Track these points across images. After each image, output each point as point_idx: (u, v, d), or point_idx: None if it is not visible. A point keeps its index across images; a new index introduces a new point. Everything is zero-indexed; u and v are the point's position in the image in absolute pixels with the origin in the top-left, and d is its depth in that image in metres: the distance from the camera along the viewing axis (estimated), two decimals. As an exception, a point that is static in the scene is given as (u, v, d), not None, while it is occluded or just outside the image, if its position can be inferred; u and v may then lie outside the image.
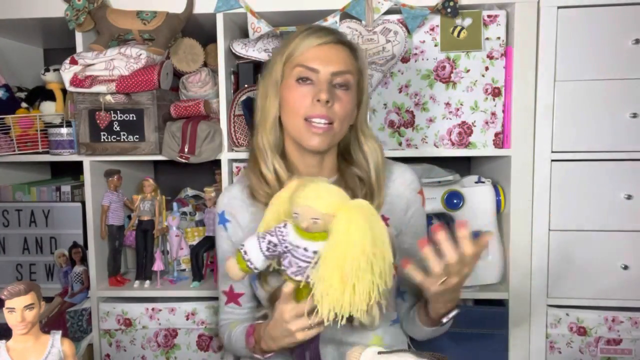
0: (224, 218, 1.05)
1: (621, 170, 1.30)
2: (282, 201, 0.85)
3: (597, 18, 1.27)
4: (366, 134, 1.03)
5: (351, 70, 0.96)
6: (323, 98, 0.91)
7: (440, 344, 1.33)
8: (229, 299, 1.07)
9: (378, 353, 0.74)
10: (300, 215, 0.77)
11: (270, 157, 0.99)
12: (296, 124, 0.95)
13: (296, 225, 0.80)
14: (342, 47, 0.97)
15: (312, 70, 0.94)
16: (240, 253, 0.84)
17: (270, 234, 0.82)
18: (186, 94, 1.46)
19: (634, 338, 1.33)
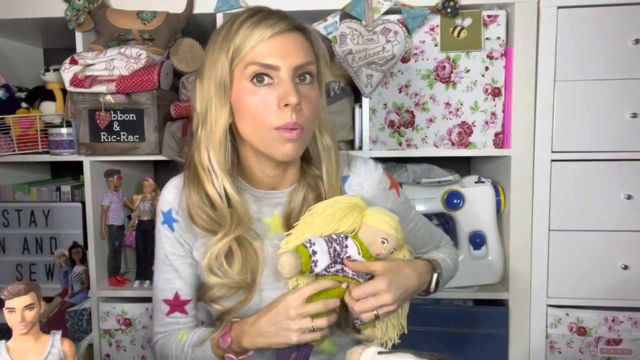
0: (171, 217, 0.92)
1: (621, 170, 1.30)
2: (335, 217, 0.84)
3: (597, 18, 1.27)
4: (323, 125, 0.90)
5: (312, 60, 0.83)
6: (293, 102, 0.78)
7: (441, 344, 1.33)
8: (172, 308, 0.94)
9: (378, 353, 0.74)
10: (390, 240, 0.84)
11: (220, 176, 0.85)
12: (262, 134, 0.81)
13: (361, 242, 0.84)
14: (297, 33, 0.83)
15: (270, 68, 0.79)
16: (306, 250, 0.81)
17: (335, 242, 0.83)
18: (186, 94, 1.46)
19: (634, 338, 1.33)
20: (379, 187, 0.95)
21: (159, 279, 0.96)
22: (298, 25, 0.84)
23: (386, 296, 0.81)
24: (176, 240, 0.93)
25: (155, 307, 0.97)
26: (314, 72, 0.84)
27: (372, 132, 1.38)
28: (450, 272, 1.03)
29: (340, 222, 0.84)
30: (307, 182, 0.91)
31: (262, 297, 0.89)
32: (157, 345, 0.98)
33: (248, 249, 0.88)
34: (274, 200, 0.92)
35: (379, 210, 0.86)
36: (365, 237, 0.85)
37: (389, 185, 0.97)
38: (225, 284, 0.87)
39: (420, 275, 0.88)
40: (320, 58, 0.87)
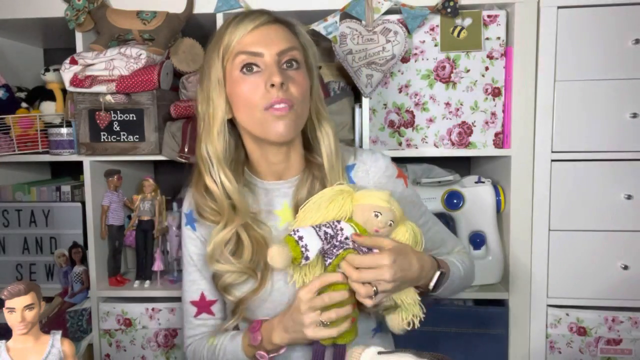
0: (192, 217, 0.98)
1: (621, 170, 1.30)
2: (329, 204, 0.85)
3: (597, 18, 1.27)
4: (321, 116, 0.95)
5: (295, 46, 0.89)
6: (277, 81, 0.83)
7: (441, 344, 1.33)
8: (199, 309, 0.99)
9: (378, 353, 0.74)
10: (383, 212, 0.83)
11: (216, 166, 0.91)
12: (256, 117, 0.87)
13: (356, 223, 0.84)
14: (279, 25, 0.90)
15: (255, 55, 0.86)
16: (292, 238, 0.81)
17: (324, 226, 0.83)
18: (186, 94, 1.46)
19: (634, 338, 1.33)
20: (385, 174, 0.98)
21: (185, 281, 1.01)
22: (279, 18, 0.91)
23: (386, 272, 0.80)
24: (198, 240, 0.98)
25: (184, 311, 1.02)
26: (299, 58, 0.89)
27: (372, 132, 1.38)
28: (460, 280, 0.99)
29: (327, 210, 0.84)
30: (312, 172, 0.95)
31: (274, 287, 0.92)
32: (188, 350, 1.01)
33: (258, 239, 0.92)
34: (282, 190, 0.96)
35: (368, 189, 0.88)
36: (358, 217, 0.84)
37: (396, 174, 1.00)
38: (231, 271, 0.91)
39: (422, 268, 0.87)
40: (307, 48, 0.93)
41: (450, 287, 0.96)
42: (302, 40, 0.93)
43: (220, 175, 0.90)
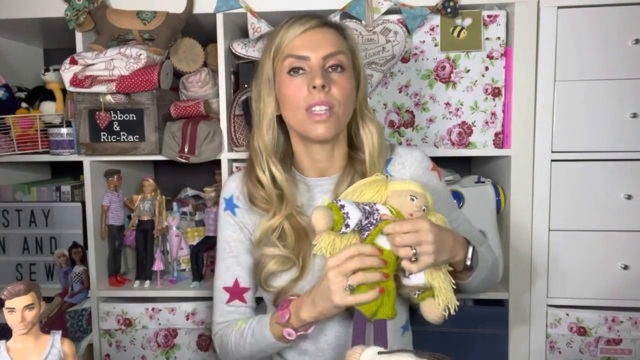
0: (233, 203, 1.02)
1: (621, 170, 1.30)
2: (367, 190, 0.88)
3: (597, 18, 1.27)
4: (365, 116, 1.00)
5: (342, 50, 0.93)
6: (318, 83, 0.88)
7: (441, 344, 1.33)
8: (232, 295, 1.01)
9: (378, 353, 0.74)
10: (418, 197, 0.86)
11: (266, 157, 0.97)
12: (298, 117, 0.93)
13: (391, 206, 0.86)
14: (328, 29, 0.94)
15: (302, 59, 0.91)
16: (335, 205, 0.83)
17: (362, 204, 0.85)
18: (186, 94, 1.46)
19: (634, 338, 1.32)
20: (421, 166, 1.02)
21: (219, 267, 1.04)
22: (329, 22, 0.96)
23: (428, 234, 0.81)
24: (237, 225, 1.02)
25: (216, 298, 1.04)
26: (345, 62, 0.93)
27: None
28: (487, 272, 1.01)
29: (363, 193, 0.87)
30: (354, 167, 0.99)
31: (315, 277, 0.94)
32: (216, 337, 1.03)
33: (300, 230, 0.96)
34: (325, 186, 1.01)
35: (402, 179, 0.93)
36: (394, 201, 0.87)
37: (430, 167, 1.04)
38: (277, 255, 0.94)
39: (456, 241, 0.88)
40: (356, 52, 0.98)
41: (479, 275, 0.97)
42: (351, 44, 0.97)
43: (270, 166, 0.96)
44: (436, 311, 0.87)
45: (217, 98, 1.42)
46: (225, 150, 1.38)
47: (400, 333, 1.01)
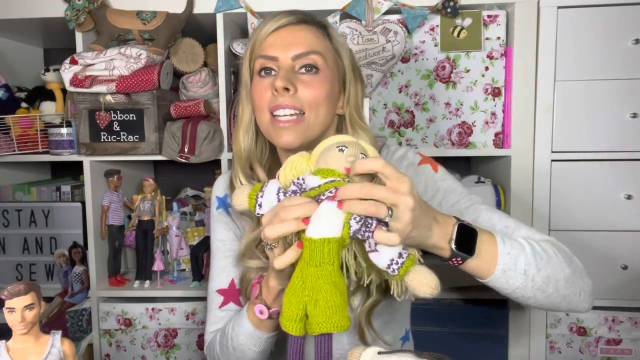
0: (226, 202, 0.95)
1: (621, 170, 1.30)
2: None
3: (597, 18, 1.27)
4: (356, 124, 0.88)
5: (317, 50, 0.83)
6: (278, 85, 0.79)
7: (441, 344, 1.33)
8: (227, 298, 0.93)
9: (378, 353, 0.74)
10: (349, 145, 0.64)
11: (237, 165, 0.90)
12: (264, 121, 0.84)
13: (319, 170, 0.64)
14: (305, 26, 0.85)
15: (271, 59, 0.83)
16: (257, 188, 0.69)
17: (296, 180, 0.66)
18: (186, 94, 1.46)
19: (634, 338, 1.33)
20: (403, 164, 0.89)
21: (214, 269, 0.96)
22: (309, 19, 0.86)
23: (406, 196, 0.60)
24: (232, 223, 0.95)
25: (209, 303, 0.95)
26: (321, 63, 0.83)
27: (373, 132, 1.37)
28: (530, 264, 0.72)
29: (295, 167, 0.67)
30: None
31: None
32: (206, 347, 0.93)
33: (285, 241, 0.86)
34: None
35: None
36: (321, 162, 0.65)
37: (417, 161, 0.89)
38: (261, 267, 0.86)
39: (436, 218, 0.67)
40: (342, 52, 0.88)
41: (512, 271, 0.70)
42: (334, 43, 0.87)
43: (239, 173, 0.89)
44: (429, 278, 0.63)
45: (217, 98, 1.42)
46: (225, 150, 1.38)
47: (399, 345, 0.93)
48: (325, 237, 0.61)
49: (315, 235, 0.61)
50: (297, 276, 0.62)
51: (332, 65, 0.85)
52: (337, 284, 0.60)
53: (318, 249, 0.60)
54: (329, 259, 0.61)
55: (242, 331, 0.81)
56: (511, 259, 0.70)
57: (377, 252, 0.62)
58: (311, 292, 0.60)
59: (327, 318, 0.59)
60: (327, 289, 0.60)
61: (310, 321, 0.59)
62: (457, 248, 0.67)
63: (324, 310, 0.59)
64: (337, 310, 0.59)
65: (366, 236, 0.61)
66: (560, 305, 0.76)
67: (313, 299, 0.60)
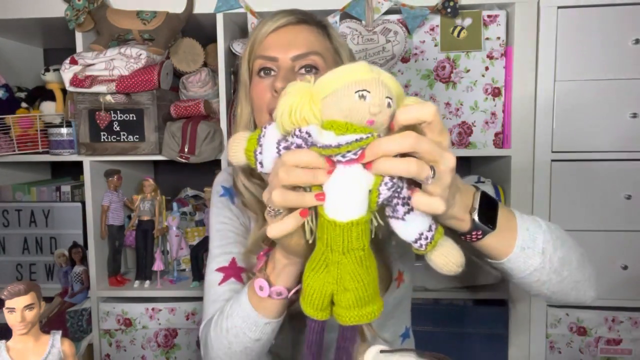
0: (233, 192, 0.91)
1: (621, 170, 1.30)
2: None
3: (597, 18, 1.27)
4: None
5: (317, 50, 0.82)
6: (278, 86, 0.78)
7: (441, 344, 1.33)
8: (227, 275, 0.85)
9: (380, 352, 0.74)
10: (370, 87, 0.47)
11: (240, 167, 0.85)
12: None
13: (330, 122, 0.49)
14: (306, 26, 0.84)
15: (270, 60, 0.82)
16: (255, 137, 0.55)
17: (290, 136, 0.51)
18: (186, 94, 1.46)
19: (634, 338, 1.33)
20: None
21: (212, 251, 0.89)
22: (308, 19, 0.85)
23: (448, 152, 0.51)
24: (237, 210, 0.91)
25: (207, 287, 0.86)
26: (320, 63, 0.82)
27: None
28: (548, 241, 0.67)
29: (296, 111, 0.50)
30: None
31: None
32: (201, 330, 0.82)
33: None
34: None
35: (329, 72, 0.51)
36: (333, 112, 0.49)
37: None
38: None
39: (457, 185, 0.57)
40: (342, 52, 0.87)
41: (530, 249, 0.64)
42: (334, 43, 0.86)
43: (240, 175, 0.86)
44: (455, 253, 0.55)
45: (217, 98, 1.42)
46: (225, 150, 1.38)
47: (399, 342, 0.93)
48: (353, 219, 0.49)
49: (341, 218, 0.49)
50: (317, 258, 0.52)
51: (332, 65, 0.83)
52: (368, 268, 0.51)
53: (345, 235, 0.49)
54: (359, 244, 0.50)
55: (239, 311, 0.70)
56: (530, 235, 0.64)
57: (403, 221, 0.51)
58: (339, 280, 0.51)
59: (360, 309, 0.51)
60: (358, 278, 0.50)
61: (339, 312, 0.52)
62: (479, 220, 0.59)
63: (356, 302, 0.51)
64: (370, 299, 0.51)
65: (394, 202, 0.51)
66: (570, 293, 0.70)
67: (341, 287, 0.51)
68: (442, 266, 0.55)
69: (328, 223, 0.50)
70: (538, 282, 0.66)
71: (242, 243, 0.89)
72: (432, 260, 0.55)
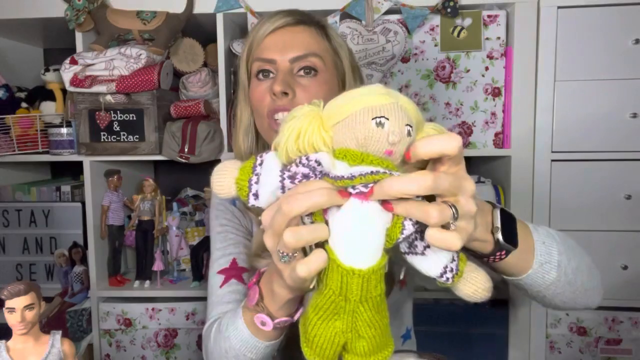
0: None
1: (621, 170, 1.30)
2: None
3: (597, 18, 1.27)
4: None
5: (316, 52, 0.81)
6: (277, 90, 0.78)
7: (441, 344, 1.33)
8: (228, 276, 0.84)
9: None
10: (389, 113, 0.43)
11: None
12: (263, 125, 0.83)
13: (344, 152, 0.44)
14: (304, 27, 0.83)
15: (268, 62, 0.81)
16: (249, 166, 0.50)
17: (295, 164, 0.46)
18: (186, 94, 1.46)
19: (634, 338, 1.33)
20: None
21: (214, 252, 0.89)
22: (306, 19, 0.84)
23: (467, 179, 0.47)
24: (238, 212, 0.91)
25: (209, 290, 0.85)
26: (319, 65, 0.81)
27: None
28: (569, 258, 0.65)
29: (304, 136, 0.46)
30: None
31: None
32: (204, 334, 0.81)
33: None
34: None
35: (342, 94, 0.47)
36: (346, 139, 0.44)
37: None
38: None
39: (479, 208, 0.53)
40: (341, 52, 0.86)
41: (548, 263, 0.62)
42: (333, 43, 0.85)
43: None
44: (484, 279, 0.53)
45: (217, 98, 1.42)
46: (225, 150, 1.38)
47: (400, 343, 0.92)
48: (372, 266, 0.44)
49: (360, 266, 0.44)
50: (326, 306, 0.46)
51: (330, 66, 0.84)
52: (383, 311, 0.47)
53: (364, 284, 0.44)
54: (377, 291, 0.45)
55: (237, 334, 0.68)
56: (546, 248, 0.62)
57: (423, 256, 0.48)
58: (351, 329, 0.46)
59: (374, 356, 0.47)
60: (376, 325, 0.46)
61: (352, 359, 0.48)
62: (503, 239, 0.56)
63: (372, 349, 0.47)
64: (384, 344, 0.47)
65: (412, 238, 0.47)
66: (579, 302, 0.68)
67: (355, 336, 0.46)
68: (472, 294, 0.52)
69: (344, 271, 0.44)
70: (553, 293, 0.64)
71: (243, 243, 0.89)
72: (460, 290, 0.51)
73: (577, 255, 0.67)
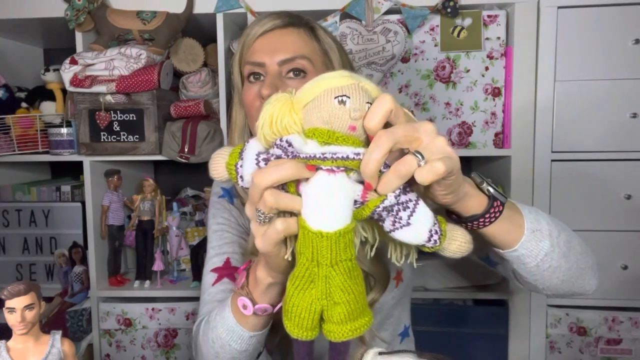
0: (232, 194, 0.93)
1: (621, 170, 1.30)
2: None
3: (597, 18, 1.27)
4: None
5: (304, 54, 0.81)
6: (264, 93, 0.78)
7: (441, 344, 1.33)
8: (220, 275, 0.85)
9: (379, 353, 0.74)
10: (351, 93, 0.47)
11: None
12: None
13: (312, 130, 0.48)
14: (292, 29, 0.83)
15: (258, 65, 0.82)
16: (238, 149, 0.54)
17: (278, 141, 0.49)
18: (186, 94, 1.46)
19: (634, 338, 1.32)
20: None
21: (209, 251, 0.90)
22: (296, 21, 0.84)
23: (421, 122, 0.50)
24: (236, 211, 0.92)
25: (202, 289, 0.87)
26: (309, 67, 0.82)
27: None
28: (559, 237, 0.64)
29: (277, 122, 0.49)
30: None
31: None
32: (193, 332, 0.81)
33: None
34: None
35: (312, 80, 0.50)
36: (313, 119, 0.48)
37: None
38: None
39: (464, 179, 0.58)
40: (331, 54, 0.86)
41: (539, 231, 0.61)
42: (322, 44, 0.85)
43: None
44: (462, 233, 0.54)
45: (217, 98, 1.42)
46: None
47: (398, 341, 0.92)
48: (340, 229, 0.47)
49: (328, 229, 0.47)
50: (301, 274, 0.49)
51: (320, 67, 0.83)
52: (356, 278, 0.49)
53: (333, 246, 0.47)
54: (347, 255, 0.48)
55: (223, 323, 0.69)
56: (534, 216, 0.62)
57: (409, 225, 0.50)
58: (326, 296, 0.48)
59: (352, 323, 0.49)
60: (349, 290, 0.48)
61: (331, 328, 0.49)
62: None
63: (348, 315, 0.48)
64: (360, 311, 0.49)
65: (395, 210, 0.49)
66: (576, 282, 0.68)
67: (331, 302, 0.48)
68: (457, 249, 0.53)
69: (313, 235, 0.47)
70: (550, 268, 0.63)
71: (239, 243, 0.90)
72: (446, 249, 0.53)
73: (567, 231, 0.66)
